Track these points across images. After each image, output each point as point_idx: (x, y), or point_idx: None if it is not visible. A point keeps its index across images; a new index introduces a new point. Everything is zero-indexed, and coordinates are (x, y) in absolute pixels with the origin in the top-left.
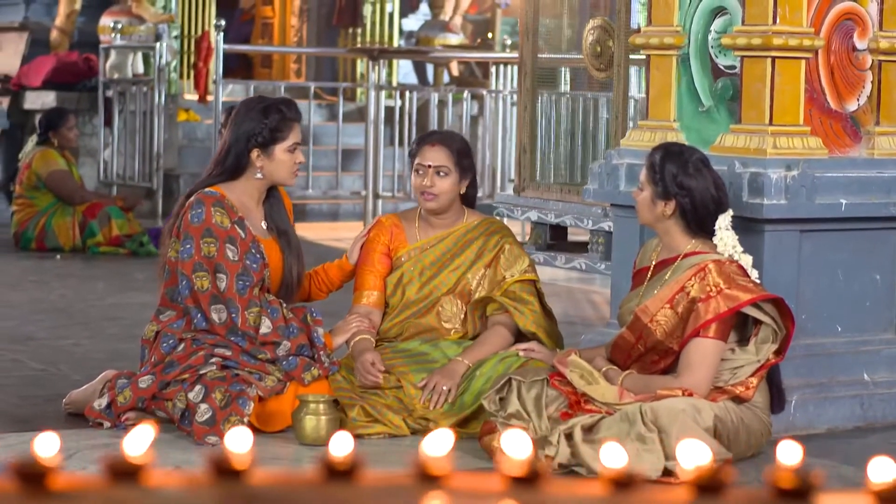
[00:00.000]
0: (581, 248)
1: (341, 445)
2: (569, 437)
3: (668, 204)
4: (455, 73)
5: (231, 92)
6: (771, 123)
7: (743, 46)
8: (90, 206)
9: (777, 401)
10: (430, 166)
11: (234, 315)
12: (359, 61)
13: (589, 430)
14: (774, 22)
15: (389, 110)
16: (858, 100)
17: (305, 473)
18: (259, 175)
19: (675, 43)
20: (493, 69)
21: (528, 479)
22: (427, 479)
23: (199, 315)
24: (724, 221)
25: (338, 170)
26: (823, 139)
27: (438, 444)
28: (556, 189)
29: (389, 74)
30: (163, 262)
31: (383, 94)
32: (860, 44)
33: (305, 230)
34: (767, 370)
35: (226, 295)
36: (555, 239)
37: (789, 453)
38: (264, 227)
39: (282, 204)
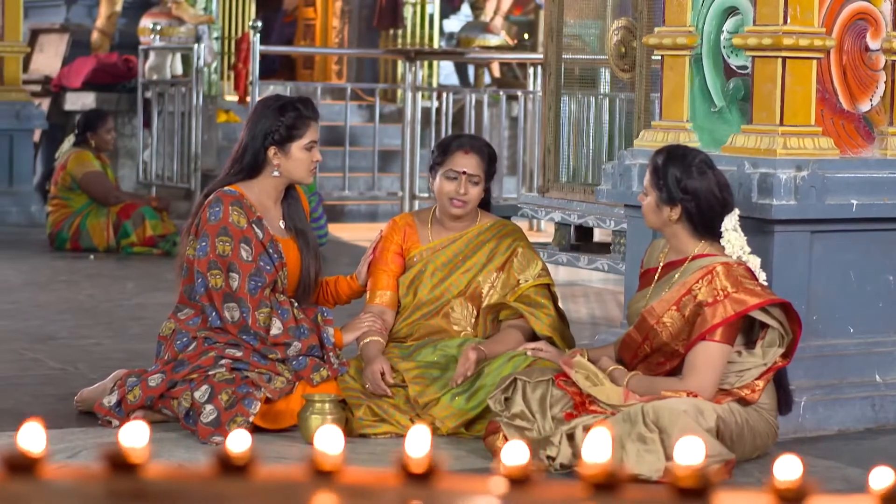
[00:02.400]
0: (606, 248)
1: (237, 441)
2: (571, 437)
3: (673, 209)
4: (497, 74)
5: (272, 93)
6: (781, 124)
7: (754, 46)
8: (124, 207)
9: (784, 403)
10: (464, 173)
11: (245, 314)
12: (399, 63)
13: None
14: (785, 22)
15: (429, 112)
16: (871, 100)
17: (199, 468)
18: (276, 173)
19: (688, 43)
20: (530, 70)
21: (423, 476)
22: (320, 475)
23: (213, 313)
24: (730, 222)
25: (374, 170)
26: (836, 140)
27: (331, 440)
28: (580, 190)
29: (430, 76)
30: (181, 261)
31: (420, 95)
32: (873, 44)
33: (343, 231)
34: (774, 373)
35: (237, 295)
36: (581, 240)
37: (689, 452)
38: (282, 227)
39: (300, 204)
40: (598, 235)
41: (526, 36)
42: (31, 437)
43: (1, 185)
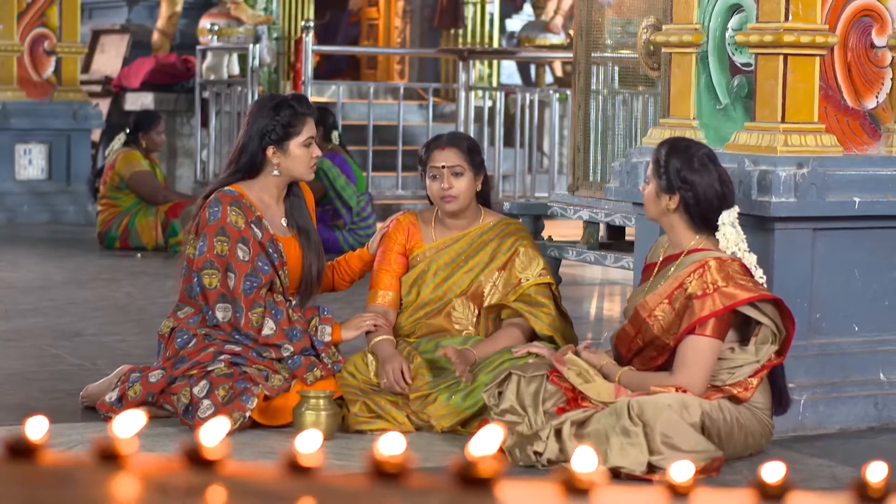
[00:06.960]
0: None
1: (33, 428)
2: (558, 433)
3: (672, 198)
4: (559, 73)
5: (332, 94)
6: (783, 121)
7: (756, 44)
8: (173, 206)
9: (779, 402)
10: (444, 167)
11: (238, 315)
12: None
13: (581, 424)
14: (787, 19)
15: (483, 111)
16: (877, 97)
17: None
18: (276, 172)
19: (694, 41)
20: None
21: (207, 462)
22: (110, 460)
23: (209, 312)
24: (728, 218)
25: None
26: (840, 137)
27: (127, 426)
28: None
29: (490, 75)
30: (182, 260)
31: (473, 94)
32: (879, 40)
33: None
34: (769, 371)
35: (232, 294)
36: (613, 238)
37: (480, 444)
38: (284, 225)
39: (303, 202)
40: (630, 234)
41: None
42: None
43: (59, 184)
